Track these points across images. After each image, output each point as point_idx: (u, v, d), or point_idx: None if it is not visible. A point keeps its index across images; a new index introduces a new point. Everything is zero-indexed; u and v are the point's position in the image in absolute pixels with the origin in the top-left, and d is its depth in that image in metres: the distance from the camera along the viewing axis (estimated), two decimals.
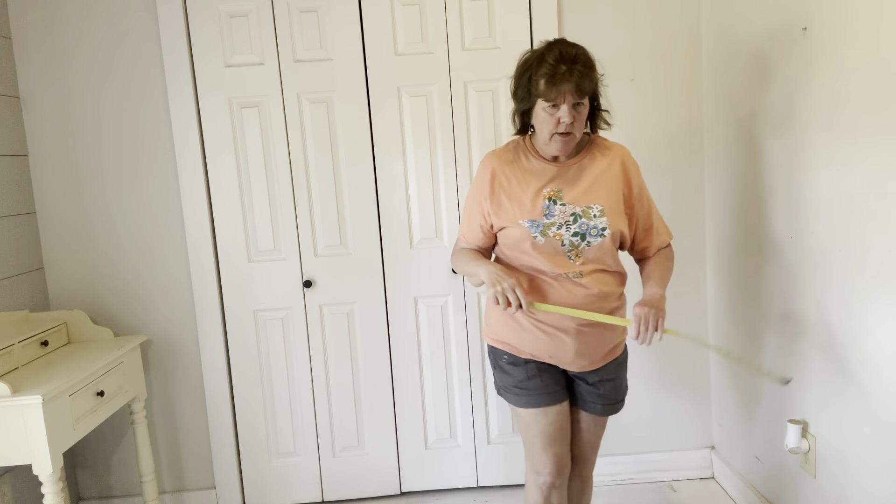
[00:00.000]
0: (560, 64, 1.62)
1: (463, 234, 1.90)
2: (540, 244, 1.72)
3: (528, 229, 1.73)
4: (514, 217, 1.75)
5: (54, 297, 2.60)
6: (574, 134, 1.69)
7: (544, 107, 1.66)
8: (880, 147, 1.59)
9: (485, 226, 1.82)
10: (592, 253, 1.74)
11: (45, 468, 1.87)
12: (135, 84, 2.52)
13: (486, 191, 1.79)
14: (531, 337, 1.80)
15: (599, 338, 1.80)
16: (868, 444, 1.73)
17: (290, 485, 2.71)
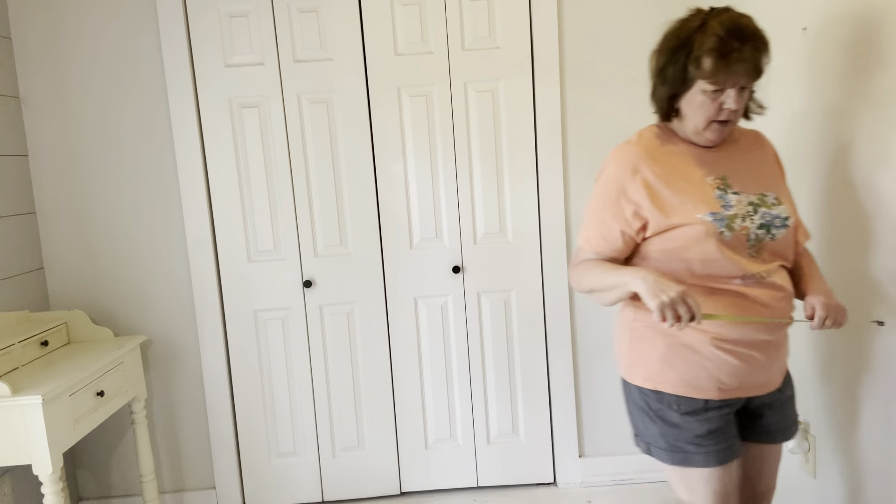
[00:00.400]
0: (732, 39, 1.35)
1: (590, 243, 1.55)
2: (728, 240, 1.42)
3: (712, 224, 1.41)
4: (688, 211, 1.43)
5: (54, 297, 2.60)
6: (733, 122, 1.45)
7: (705, 90, 1.40)
8: (879, 147, 1.59)
9: (629, 231, 1.49)
10: (775, 247, 1.46)
11: (45, 468, 1.87)
12: (135, 84, 2.53)
13: (632, 187, 1.47)
14: (717, 365, 1.44)
15: (782, 347, 1.51)
16: (868, 444, 1.73)
17: (290, 485, 2.71)
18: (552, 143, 2.56)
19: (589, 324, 2.67)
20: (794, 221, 1.49)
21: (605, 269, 1.49)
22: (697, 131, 1.47)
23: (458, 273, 2.62)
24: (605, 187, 1.51)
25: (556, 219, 2.59)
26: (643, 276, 1.38)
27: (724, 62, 1.36)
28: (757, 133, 1.59)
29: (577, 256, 1.59)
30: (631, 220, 1.48)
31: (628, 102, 2.56)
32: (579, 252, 1.59)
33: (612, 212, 1.49)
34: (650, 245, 1.49)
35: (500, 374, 2.68)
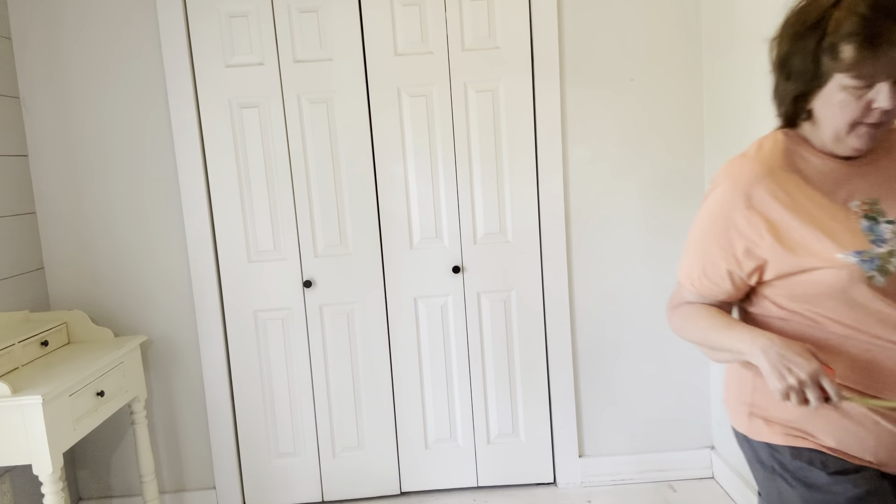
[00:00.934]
0: (881, 17, 1.02)
1: (691, 280, 1.27)
2: (881, 287, 1.09)
3: (857, 265, 1.09)
4: (824, 251, 1.11)
5: (54, 297, 2.60)
6: (887, 124, 1.11)
7: (848, 85, 1.06)
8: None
9: (739, 273, 1.21)
10: None
11: (45, 468, 1.87)
12: (135, 84, 2.53)
13: (745, 217, 1.16)
14: (871, 433, 1.14)
15: None
16: None
17: (290, 485, 2.71)
18: (552, 143, 2.56)
19: (589, 324, 2.67)
20: None
21: (714, 324, 1.21)
22: (838, 137, 1.12)
23: (458, 273, 2.62)
24: (711, 214, 1.20)
25: (556, 219, 2.59)
26: (764, 346, 1.10)
27: (871, 50, 1.02)
28: None
29: (677, 296, 1.31)
30: (742, 260, 1.18)
31: (628, 102, 2.56)
32: (679, 290, 1.31)
33: (718, 245, 1.20)
34: (771, 290, 1.19)
35: (500, 374, 2.68)
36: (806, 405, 1.06)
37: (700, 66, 2.56)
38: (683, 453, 2.73)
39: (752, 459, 1.27)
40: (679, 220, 2.62)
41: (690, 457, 2.73)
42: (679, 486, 2.68)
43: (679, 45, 2.55)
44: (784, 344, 1.09)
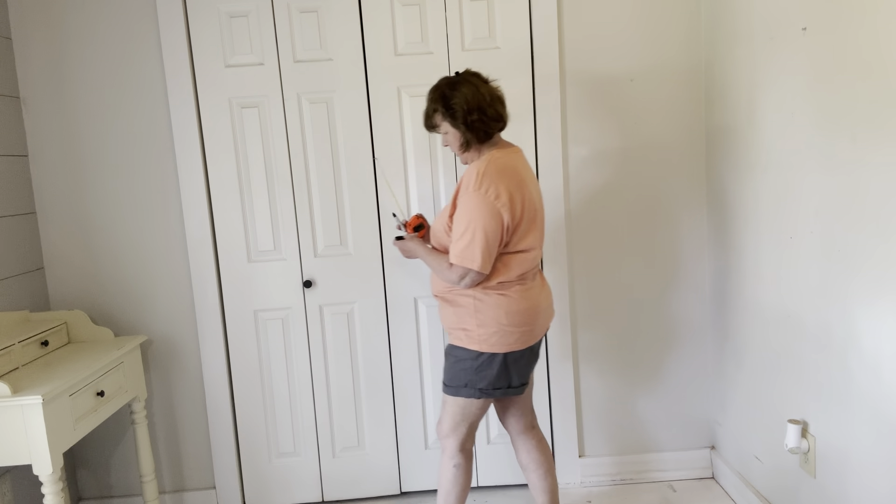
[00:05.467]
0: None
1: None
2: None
3: None
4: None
5: (54, 297, 2.60)
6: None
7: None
8: (879, 147, 1.59)
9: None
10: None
11: (45, 468, 1.87)
12: (135, 84, 2.53)
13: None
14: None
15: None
16: (868, 444, 1.73)
17: (290, 485, 2.71)
18: (552, 142, 2.56)
19: (589, 324, 2.67)
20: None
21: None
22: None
23: None
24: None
25: (556, 219, 2.59)
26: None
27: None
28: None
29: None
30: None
31: (628, 102, 2.56)
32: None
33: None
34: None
35: None
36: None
37: (700, 66, 2.56)
38: (683, 453, 2.73)
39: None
40: (679, 219, 2.62)
41: (690, 457, 2.73)
42: (679, 486, 2.68)
43: (679, 45, 2.55)
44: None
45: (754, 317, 2.29)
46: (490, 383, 1.97)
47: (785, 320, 2.09)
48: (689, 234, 2.63)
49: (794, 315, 2.03)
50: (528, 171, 2.01)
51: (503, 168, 1.91)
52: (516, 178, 1.92)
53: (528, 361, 2.04)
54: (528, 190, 1.95)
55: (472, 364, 1.96)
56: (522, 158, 2.03)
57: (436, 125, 1.98)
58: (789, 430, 2.01)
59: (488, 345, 1.94)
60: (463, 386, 1.98)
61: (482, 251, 1.87)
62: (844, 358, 1.80)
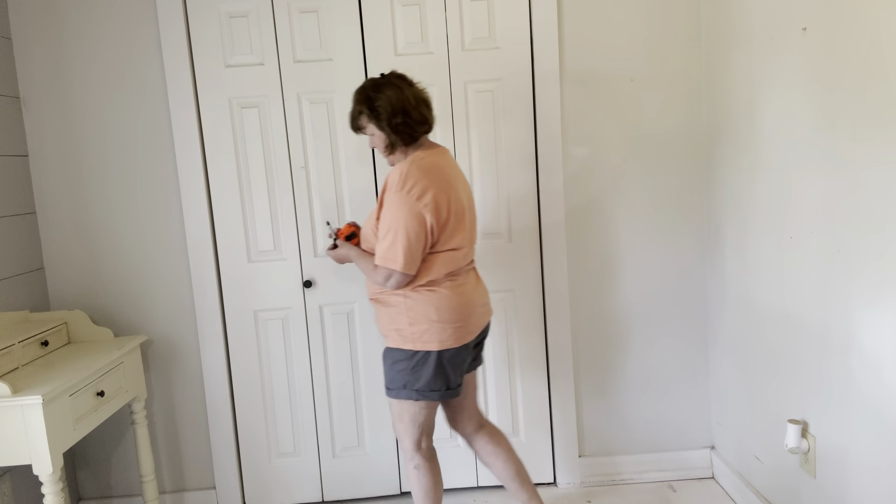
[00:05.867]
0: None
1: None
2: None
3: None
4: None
5: (54, 297, 2.60)
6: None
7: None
8: (879, 147, 1.59)
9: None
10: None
11: (45, 468, 1.87)
12: (135, 84, 2.53)
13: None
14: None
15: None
16: (868, 444, 1.73)
17: (290, 485, 2.71)
18: (552, 142, 2.56)
19: (589, 324, 2.67)
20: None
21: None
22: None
23: None
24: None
25: (556, 218, 2.59)
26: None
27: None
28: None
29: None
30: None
31: (628, 102, 2.56)
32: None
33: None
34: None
35: (500, 374, 2.68)
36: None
37: (700, 66, 2.56)
38: (683, 453, 2.73)
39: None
40: (679, 219, 2.62)
41: (690, 457, 2.73)
42: (679, 486, 2.68)
43: (679, 45, 2.55)
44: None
45: (754, 317, 2.29)
46: (426, 384, 1.97)
47: (785, 320, 2.09)
48: (688, 233, 2.63)
49: (795, 315, 2.03)
50: (455, 171, 2.02)
51: (427, 168, 1.92)
52: (441, 178, 1.93)
53: (464, 360, 2.04)
54: (454, 189, 1.96)
55: (407, 364, 1.97)
56: (449, 158, 2.04)
57: (361, 127, 1.99)
58: (789, 430, 2.01)
59: (422, 342, 1.95)
60: (402, 387, 1.99)
61: (404, 252, 1.87)
62: (845, 358, 1.80)
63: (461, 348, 2.00)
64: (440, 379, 1.98)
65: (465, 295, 2.00)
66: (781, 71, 2.00)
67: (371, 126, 1.96)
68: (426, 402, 2.00)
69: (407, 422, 2.03)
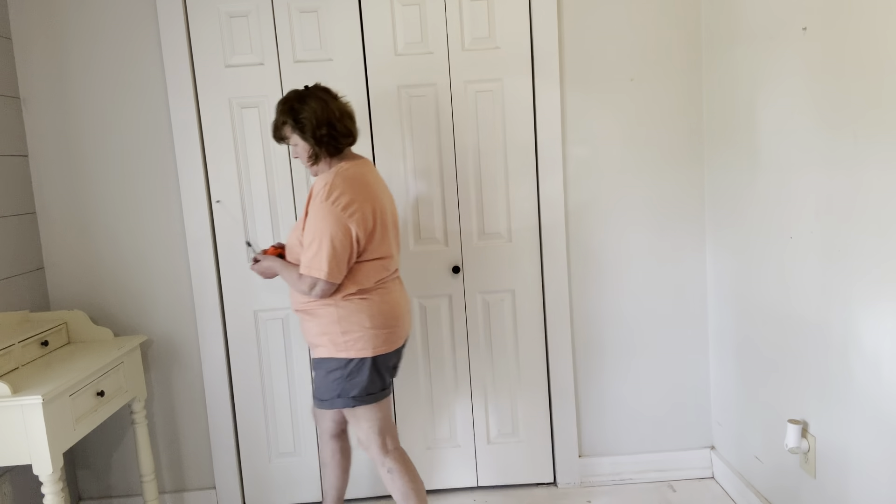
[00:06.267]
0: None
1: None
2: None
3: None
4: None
5: (54, 297, 2.60)
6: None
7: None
8: (879, 147, 1.59)
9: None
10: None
11: (45, 468, 1.87)
12: (135, 84, 2.53)
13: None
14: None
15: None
16: (868, 444, 1.73)
17: (290, 485, 2.71)
18: (552, 142, 2.56)
19: (589, 324, 2.67)
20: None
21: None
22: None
23: (458, 273, 2.62)
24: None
25: (556, 218, 2.59)
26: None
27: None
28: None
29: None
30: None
31: (628, 102, 2.56)
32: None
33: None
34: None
35: (500, 374, 2.68)
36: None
37: (700, 66, 2.56)
38: (683, 453, 2.73)
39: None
40: (678, 219, 2.62)
41: (690, 457, 2.73)
42: (679, 486, 2.68)
43: (679, 45, 2.55)
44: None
45: (754, 316, 2.29)
46: (363, 389, 1.98)
47: (785, 320, 2.09)
48: (688, 233, 2.63)
49: (794, 315, 2.03)
50: (378, 181, 2.04)
51: (352, 179, 1.93)
52: (366, 188, 1.95)
53: (395, 364, 2.07)
54: (378, 200, 1.98)
55: (341, 373, 1.97)
56: (372, 169, 2.06)
57: (285, 137, 2.00)
58: (789, 430, 2.01)
59: (356, 350, 1.95)
60: (336, 397, 1.99)
61: (329, 260, 1.88)
62: (845, 358, 1.80)
63: (393, 352, 2.04)
64: (376, 383, 2.00)
65: (394, 301, 2.04)
66: (781, 71, 2.00)
67: (295, 137, 1.97)
68: (375, 402, 2.02)
69: (366, 429, 2.04)
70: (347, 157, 2.03)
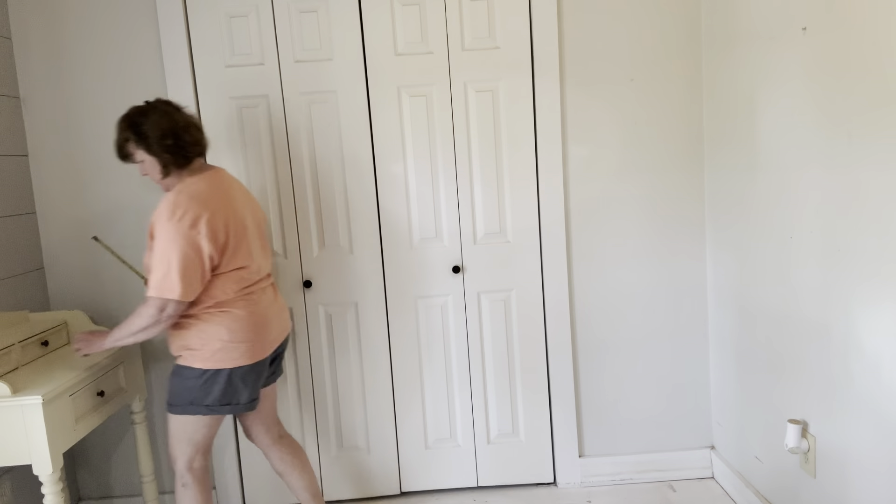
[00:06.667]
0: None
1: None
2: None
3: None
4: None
5: (54, 297, 2.60)
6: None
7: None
8: (881, 147, 1.59)
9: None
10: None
11: (45, 468, 1.87)
12: (135, 84, 2.53)
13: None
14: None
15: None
16: (868, 444, 1.73)
17: None
18: (552, 142, 2.56)
19: (589, 324, 2.67)
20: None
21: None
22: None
23: (458, 273, 2.62)
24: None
25: (555, 218, 2.59)
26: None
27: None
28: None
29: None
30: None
31: (628, 102, 2.56)
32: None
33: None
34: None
35: (500, 374, 2.68)
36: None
37: (700, 66, 2.56)
38: (683, 453, 2.73)
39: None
40: (678, 219, 2.62)
41: (690, 457, 2.73)
42: (679, 486, 2.68)
43: (679, 45, 2.55)
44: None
45: (754, 316, 2.29)
46: (216, 399, 1.96)
47: (785, 320, 2.09)
48: (688, 233, 2.63)
49: (794, 315, 2.03)
50: (232, 189, 2.01)
51: (197, 194, 1.90)
52: (213, 200, 1.91)
53: (258, 376, 2.04)
54: (230, 209, 1.95)
55: (196, 382, 1.95)
56: (224, 178, 2.02)
57: (129, 154, 1.96)
58: (789, 430, 2.01)
59: (212, 362, 1.94)
60: (188, 404, 1.97)
61: (181, 279, 1.84)
62: (844, 358, 1.80)
63: (255, 365, 2.00)
64: (230, 395, 1.98)
65: (259, 313, 2.01)
66: (781, 71, 2.00)
67: (140, 152, 1.94)
68: (211, 418, 2.00)
69: (183, 440, 2.01)
70: (197, 170, 1.99)
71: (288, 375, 2.66)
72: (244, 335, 1.96)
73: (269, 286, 2.11)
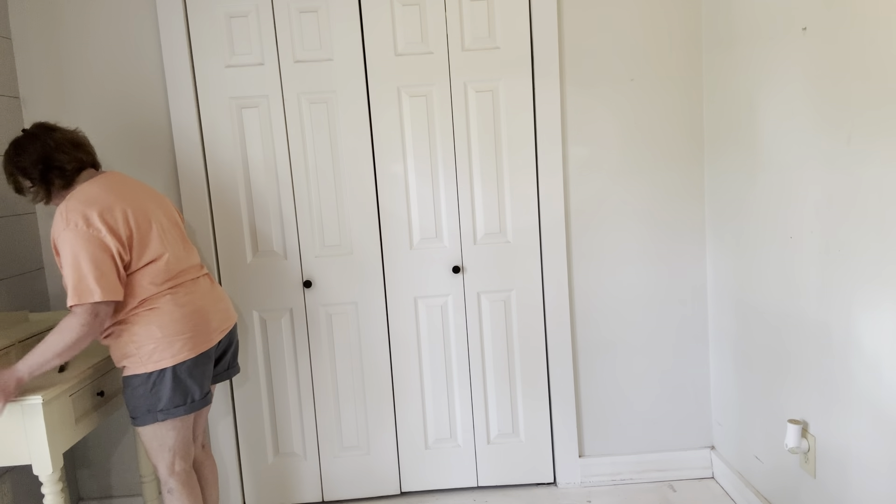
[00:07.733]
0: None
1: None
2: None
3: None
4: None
5: (54, 297, 2.60)
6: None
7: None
8: (879, 146, 1.59)
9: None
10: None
11: (45, 468, 1.87)
12: (135, 84, 2.53)
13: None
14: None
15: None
16: (868, 444, 1.73)
17: (290, 485, 2.71)
18: (552, 142, 2.56)
19: (589, 324, 2.67)
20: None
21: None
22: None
23: (458, 273, 2.62)
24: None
25: (555, 218, 2.59)
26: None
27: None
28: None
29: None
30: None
31: (628, 102, 2.56)
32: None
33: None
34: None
35: (500, 374, 2.68)
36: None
37: (700, 66, 2.56)
38: (683, 453, 2.73)
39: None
40: (678, 219, 2.62)
41: (690, 457, 2.73)
42: (679, 486, 2.68)
43: (679, 45, 2.55)
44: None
45: (754, 316, 2.29)
46: (168, 402, 1.94)
47: (785, 320, 2.09)
48: (688, 233, 2.63)
49: (795, 315, 2.03)
50: (126, 186, 1.99)
51: (85, 197, 1.88)
52: (105, 198, 1.89)
53: (205, 370, 2.01)
54: (129, 202, 1.93)
55: (144, 389, 1.93)
56: (119, 179, 2.00)
57: (21, 189, 1.97)
58: (789, 430, 2.01)
59: (152, 362, 1.91)
60: (146, 412, 1.94)
61: (97, 280, 1.80)
62: (844, 358, 1.80)
63: (199, 357, 1.98)
64: (179, 393, 1.95)
65: (192, 304, 1.98)
66: (781, 71, 2.00)
67: (27, 182, 1.95)
68: (173, 421, 1.98)
69: (158, 448, 1.99)
70: (86, 179, 1.98)
71: (287, 375, 2.66)
72: (177, 328, 1.93)
73: (201, 277, 2.08)
